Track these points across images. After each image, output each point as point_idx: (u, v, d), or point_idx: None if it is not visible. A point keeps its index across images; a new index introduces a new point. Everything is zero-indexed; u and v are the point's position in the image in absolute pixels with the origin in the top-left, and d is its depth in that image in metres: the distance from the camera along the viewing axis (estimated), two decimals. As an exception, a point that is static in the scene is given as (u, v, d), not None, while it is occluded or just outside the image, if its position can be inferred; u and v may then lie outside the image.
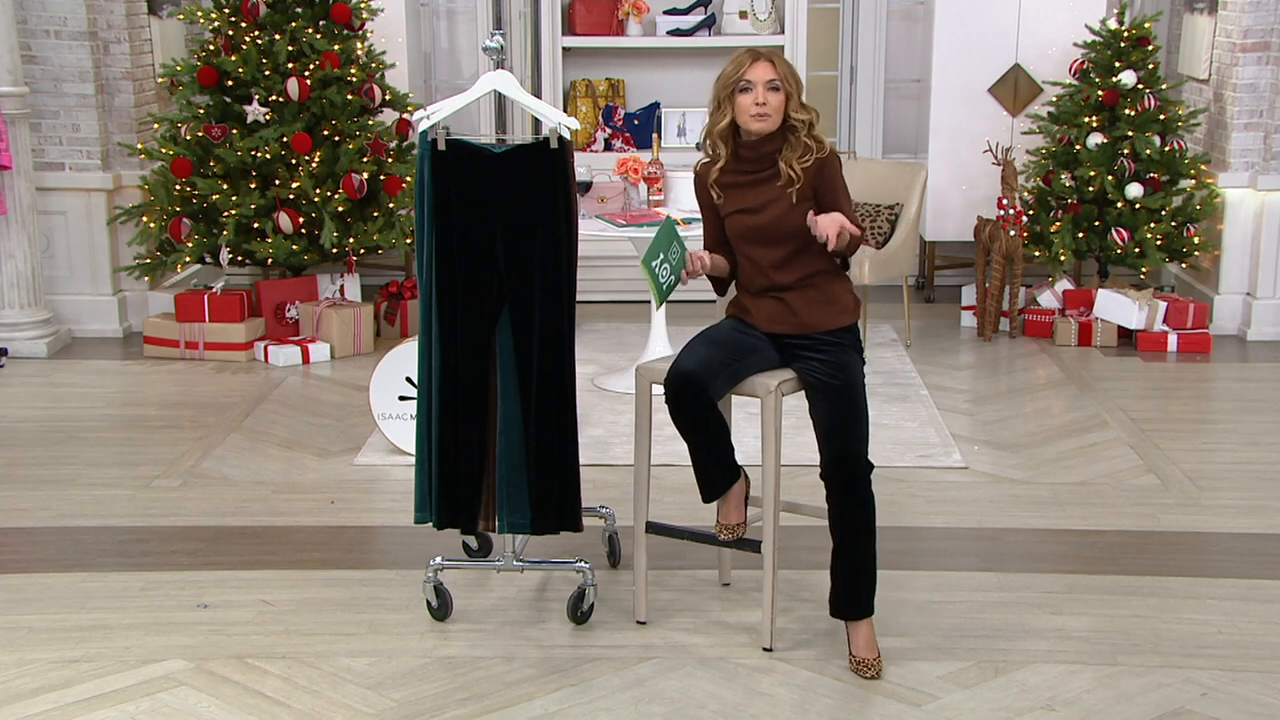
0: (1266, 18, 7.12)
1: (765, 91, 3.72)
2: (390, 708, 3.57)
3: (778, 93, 3.74)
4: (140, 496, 5.08)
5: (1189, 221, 7.29)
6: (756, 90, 3.72)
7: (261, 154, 6.83)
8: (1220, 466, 5.41)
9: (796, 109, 3.76)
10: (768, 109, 3.73)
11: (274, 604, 4.18)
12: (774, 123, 3.75)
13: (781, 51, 4.03)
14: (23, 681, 3.70)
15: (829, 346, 3.76)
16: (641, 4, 8.19)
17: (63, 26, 7.05)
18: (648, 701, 3.60)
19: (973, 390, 6.54)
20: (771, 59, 3.76)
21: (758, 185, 3.79)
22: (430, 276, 3.85)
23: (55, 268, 7.28)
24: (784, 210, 3.75)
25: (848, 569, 3.75)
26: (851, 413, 3.69)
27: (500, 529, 3.96)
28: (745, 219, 3.82)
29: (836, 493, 3.71)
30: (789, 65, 3.81)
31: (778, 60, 3.77)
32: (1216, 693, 3.65)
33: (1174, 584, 4.33)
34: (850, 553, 3.74)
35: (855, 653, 3.76)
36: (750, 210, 3.80)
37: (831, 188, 3.77)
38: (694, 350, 3.76)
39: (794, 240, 3.76)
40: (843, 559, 3.75)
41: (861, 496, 3.71)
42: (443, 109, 3.87)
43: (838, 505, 3.72)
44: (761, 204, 3.78)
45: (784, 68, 3.77)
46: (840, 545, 3.75)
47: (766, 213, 3.77)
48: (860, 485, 3.70)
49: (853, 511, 3.71)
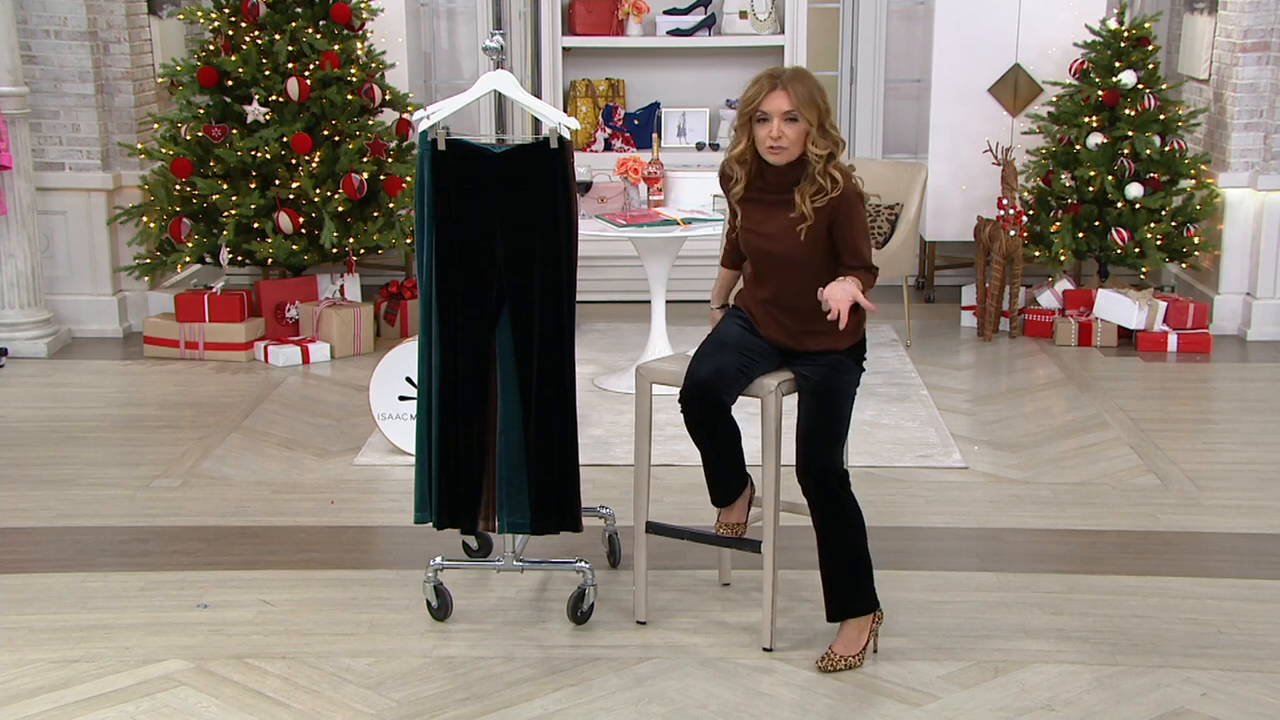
0: (1266, 18, 7.12)
1: (782, 124, 3.61)
2: (390, 708, 3.57)
3: (795, 124, 3.62)
4: (140, 496, 5.08)
5: (1189, 221, 7.28)
6: (773, 123, 3.62)
7: (261, 154, 6.83)
8: (1220, 466, 5.41)
9: (815, 141, 3.63)
10: (783, 142, 3.63)
11: (274, 604, 4.18)
12: (790, 155, 3.65)
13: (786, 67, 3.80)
14: (23, 681, 3.70)
15: (834, 364, 3.74)
16: (641, 4, 8.20)
17: (63, 26, 7.05)
18: (648, 702, 3.60)
19: (973, 390, 6.54)
20: (789, 87, 3.62)
21: (774, 209, 3.72)
22: (430, 276, 3.85)
23: (55, 268, 7.28)
24: (794, 244, 3.69)
25: (825, 569, 3.77)
26: (825, 420, 3.69)
27: (500, 529, 3.96)
28: (758, 241, 3.77)
29: (808, 496, 3.74)
30: (809, 89, 3.65)
31: (797, 87, 3.63)
32: (1216, 693, 3.65)
33: (1174, 584, 4.33)
34: (826, 553, 3.75)
35: (832, 646, 3.77)
36: (764, 235, 3.75)
37: (846, 224, 3.67)
38: (709, 357, 3.75)
39: (804, 272, 3.70)
40: (821, 560, 3.77)
41: (834, 500, 3.71)
42: (443, 109, 3.87)
43: (812, 508, 3.75)
44: (775, 231, 3.71)
45: (802, 95, 3.62)
46: (819, 546, 3.77)
47: (779, 241, 3.71)
48: (828, 491, 3.70)
49: (826, 514, 3.72)
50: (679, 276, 6.79)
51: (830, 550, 3.75)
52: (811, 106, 3.63)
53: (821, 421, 3.70)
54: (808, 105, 3.63)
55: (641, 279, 6.70)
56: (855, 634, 3.77)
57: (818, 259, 3.69)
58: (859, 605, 3.77)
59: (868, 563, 3.78)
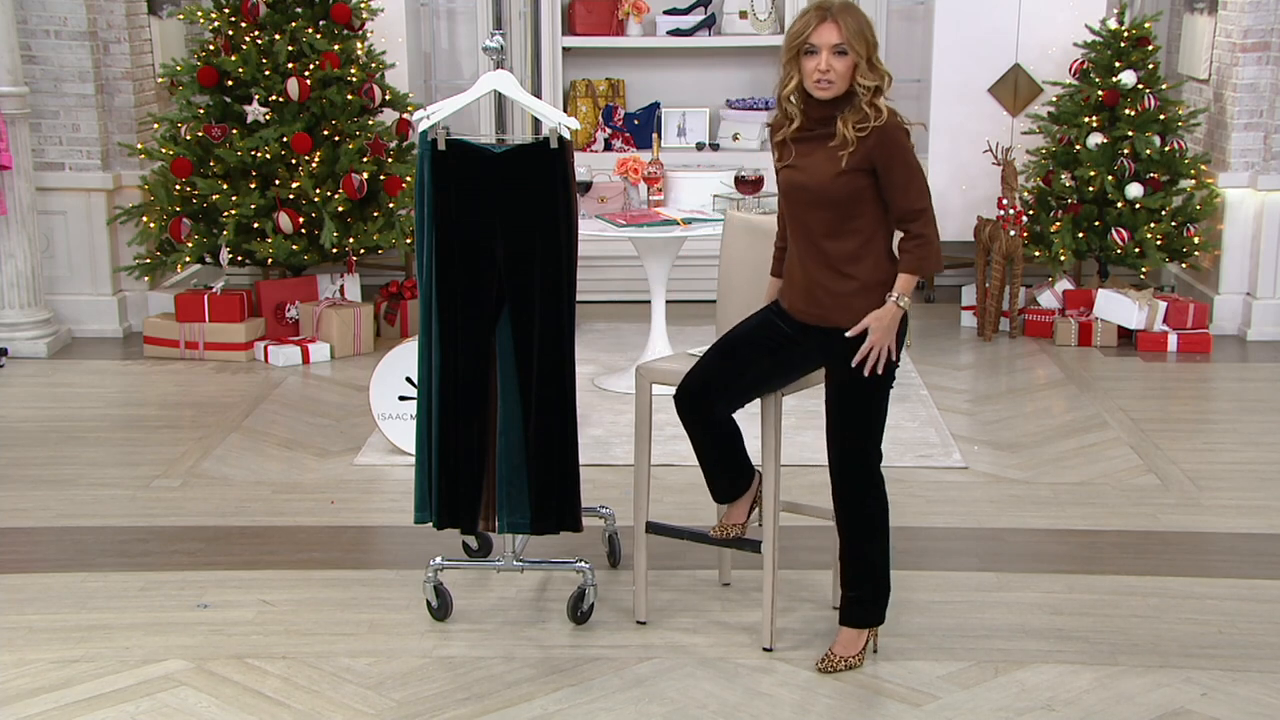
0: (1266, 18, 7.12)
1: (830, 57, 3.47)
2: (390, 707, 3.57)
3: (844, 57, 3.47)
4: (140, 496, 5.08)
5: (1189, 221, 7.28)
6: (821, 56, 3.47)
7: (261, 154, 6.83)
8: (1220, 466, 5.41)
9: (864, 74, 3.49)
10: (831, 76, 3.48)
11: (274, 604, 4.17)
12: (839, 89, 3.50)
13: None
14: (23, 681, 3.70)
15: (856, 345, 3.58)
16: (641, 4, 8.19)
17: (63, 26, 7.05)
18: (648, 701, 3.60)
19: (973, 390, 6.53)
20: (839, 19, 3.48)
21: (814, 143, 3.57)
22: (430, 276, 3.85)
23: (55, 268, 7.27)
24: (831, 173, 3.51)
25: (842, 569, 3.76)
26: (851, 411, 3.64)
27: (500, 529, 3.96)
28: (795, 175, 3.60)
29: (835, 491, 3.71)
30: (859, 22, 3.51)
31: (846, 19, 3.49)
32: (1216, 692, 3.64)
33: (1174, 584, 4.32)
34: (845, 560, 3.73)
35: (831, 647, 3.77)
36: (801, 168, 3.58)
37: (889, 167, 3.50)
38: (704, 364, 3.74)
39: (836, 210, 3.54)
40: (841, 561, 3.76)
41: (857, 498, 3.68)
42: (443, 109, 3.86)
43: (836, 503, 3.72)
44: (814, 164, 3.55)
45: (852, 28, 3.48)
46: (840, 550, 3.76)
47: (815, 173, 3.54)
48: (854, 487, 3.67)
49: (847, 512, 3.70)
50: (679, 276, 6.79)
51: (850, 558, 3.72)
52: (861, 39, 3.49)
53: (846, 412, 3.65)
54: (857, 38, 3.48)
55: (641, 279, 6.69)
56: (854, 636, 3.76)
57: (853, 198, 3.53)
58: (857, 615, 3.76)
59: (885, 580, 3.75)
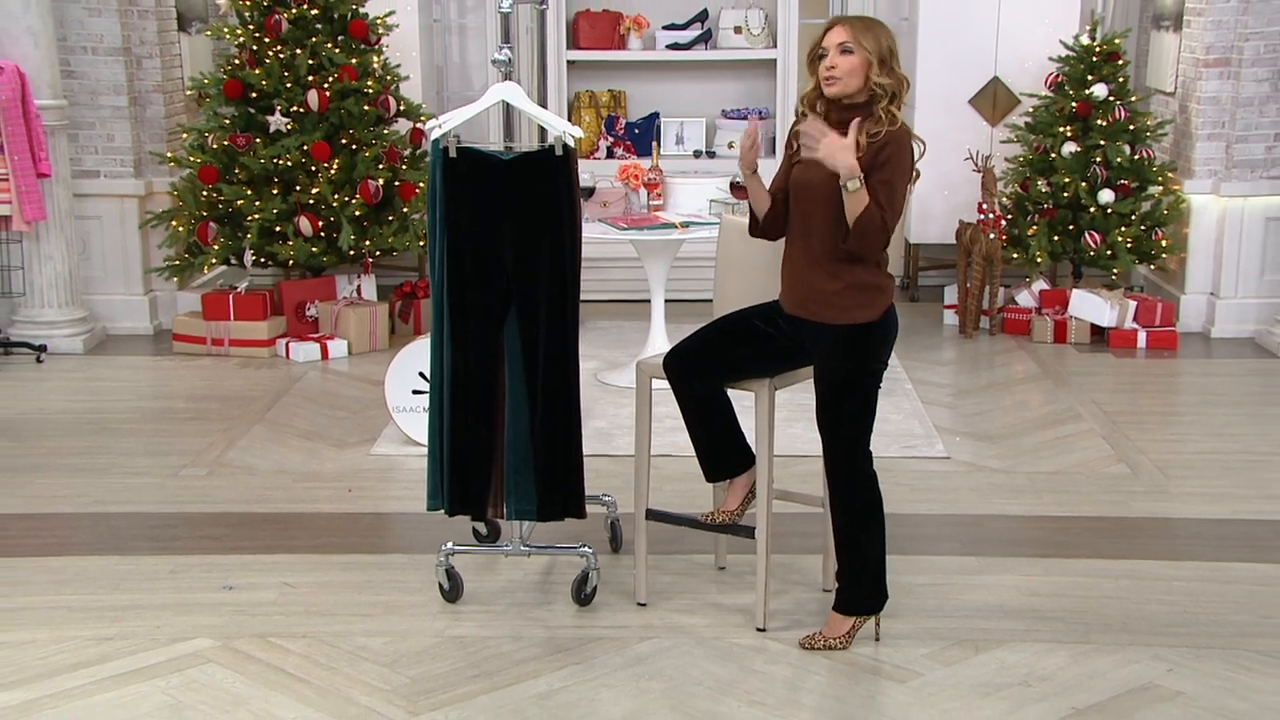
0: (1227, 35, 7.11)
1: (836, 55, 3.44)
2: (405, 684, 3.56)
3: (850, 55, 3.44)
4: (170, 484, 5.07)
5: (1157, 225, 7.27)
6: (829, 55, 3.46)
7: (283, 161, 6.82)
8: (1187, 456, 5.40)
9: (878, 73, 3.45)
10: (836, 72, 3.44)
11: (295, 586, 4.17)
12: (845, 85, 3.46)
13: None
14: (62, 657, 3.70)
15: (840, 344, 3.57)
16: (642, 20, 8.19)
17: (99, 43, 7.04)
18: (647, 679, 3.59)
19: (954, 384, 6.52)
20: (848, 22, 3.48)
21: None
22: (442, 277, 3.84)
23: (91, 269, 7.27)
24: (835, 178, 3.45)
25: (838, 559, 3.74)
26: (839, 409, 3.60)
27: (508, 516, 3.95)
28: (804, 174, 3.55)
29: (829, 486, 3.71)
30: (871, 27, 3.48)
31: (855, 23, 3.48)
32: (1181, 668, 3.64)
33: (1144, 567, 4.32)
34: (839, 544, 3.72)
35: (821, 629, 3.75)
36: (810, 165, 3.51)
37: (882, 165, 3.45)
38: (699, 333, 3.77)
39: (840, 208, 3.47)
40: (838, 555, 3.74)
41: (848, 493, 3.66)
42: (454, 118, 3.85)
43: (830, 497, 3.72)
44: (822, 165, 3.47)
45: (859, 28, 3.46)
46: (835, 543, 3.75)
47: (821, 171, 3.46)
48: (845, 483, 3.65)
49: (841, 505, 3.68)
50: (677, 277, 6.77)
51: (844, 550, 3.70)
52: (870, 38, 3.45)
53: (830, 415, 3.62)
54: (865, 36, 3.45)
55: (642, 279, 6.68)
56: (841, 620, 3.74)
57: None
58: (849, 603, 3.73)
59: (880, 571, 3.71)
